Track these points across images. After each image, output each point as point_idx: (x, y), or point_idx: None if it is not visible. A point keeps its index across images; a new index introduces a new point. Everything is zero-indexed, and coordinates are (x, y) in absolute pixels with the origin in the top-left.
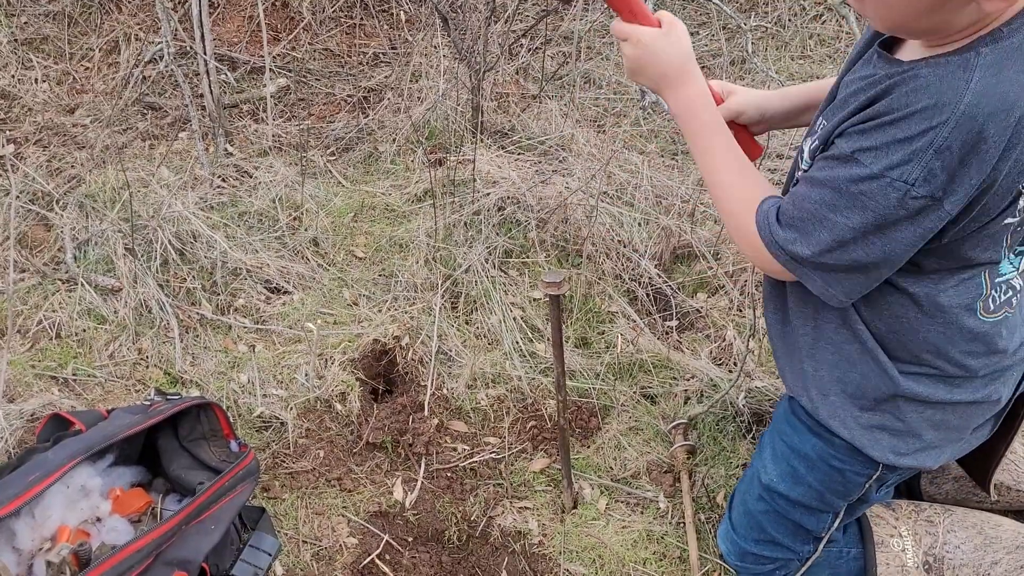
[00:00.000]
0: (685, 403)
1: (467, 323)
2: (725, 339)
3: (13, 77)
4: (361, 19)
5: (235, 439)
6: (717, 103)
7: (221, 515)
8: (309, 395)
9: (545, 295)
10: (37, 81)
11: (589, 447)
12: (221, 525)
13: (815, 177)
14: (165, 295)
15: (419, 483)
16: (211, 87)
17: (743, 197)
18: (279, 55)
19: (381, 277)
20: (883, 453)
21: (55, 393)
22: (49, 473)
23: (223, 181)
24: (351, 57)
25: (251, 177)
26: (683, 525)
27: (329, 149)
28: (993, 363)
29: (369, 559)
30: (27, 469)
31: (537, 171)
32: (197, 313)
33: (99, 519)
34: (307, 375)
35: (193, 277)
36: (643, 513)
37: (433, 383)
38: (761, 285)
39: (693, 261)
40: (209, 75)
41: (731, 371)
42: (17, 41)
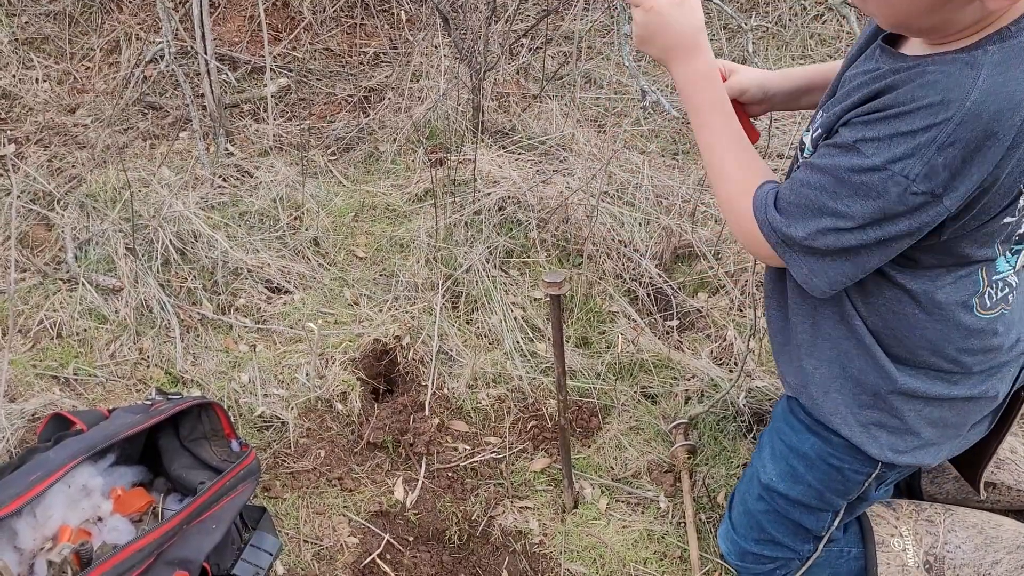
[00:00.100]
0: (686, 403)
1: (468, 323)
2: (726, 339)
3: (14, 77)
4: (362, 19)
5: (236, 439)
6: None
7: (222, 515)
8: (310, 395)
9: (546, 295)
10: (38, 81)
11: (590, 447)
12: (222, 525)
13: (816, 164)
14: (166, 295)
15: (420, 483)
16: (212, 87)
17: (741, 179)
18: (280, 55)
19: (382, 277)
20: (881, 451)
21: (56, 393)
22: (50, 473)
23: (224, 181)
24: (352, 57)
25: (252, 177)
26: (684, 525)
27: (330, 149)
28: (989, 359)
29: (370, 559)
30: (28, 469)
31: (538, 171)
32: (198, 313)
33: (100, 519)
34: (308, 375)
35: (194, 277)
36: (644, 513)
37: (434, 383)
38: (762, 285)
39: (694, 261)
40: (210, 75)
41: (732, 371)
42: (18, 41)
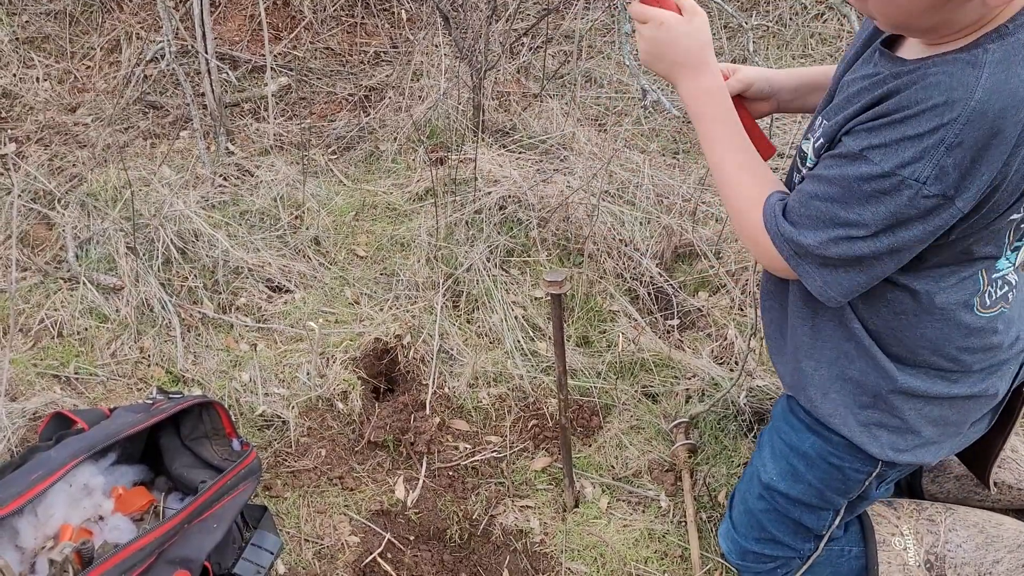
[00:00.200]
0: (686, 402)
1: (468, 322)
2: (726, 338)
3: (15, 76)
4: (362, 18)
5: (237, 438)
6: (724, 79)
7: (223, 514)
8: (311, 394)
9: (547, 294)
10: (38, 80)
11: (590, 446)
12: (223, 524)
13: (823, 175)
14: (167, 294)
15: (421, 482)
16: (212, 86)
17: (750, 194)
18: (280, 54)
19: (383, 276)
20: (882, 450)
21: (57, 392)
22: (52, 472)
23: (224, 180)
24: (352, 56)
25: (252, 176)
26: (684, 524)
27: (330, 148)
28: (989, 358)
29: (371, 558)
30: (29, 468)
31: (538, 170)
32: (199, 312)
33: (101, 517)
34: (309, 374)
35: (195, 276)
36: (644, 512)
37: (435, 382)
38: (759, 284)
39: (694, 260)
40: (210, 74)
41: (732, 370)
42: (18, 40)
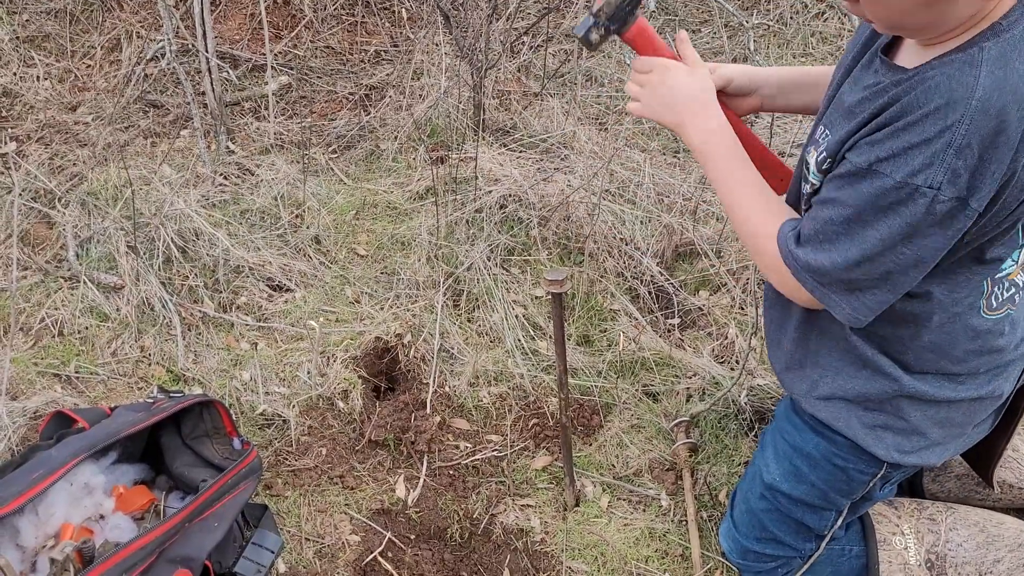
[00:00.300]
0: (687, 401)
1: (469, 321)
2: (727, 337)
3: (15, 75)
4: (363, 17)
5: (238, 437)
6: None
7: (224, 512)
8: (311, 393)
9: (547, 293)
10: (39, 79)
11: (591, 445)
12: (224, 522)
13: (833, 197)
14: (167, 293)
15: (421, 481)
16: (213, 85)
17: (766, 232)
18: (281, 53)
19: (383, 275)
20: (887, 451)
21: (58, 391)
22: (52, 470)
23: (225, 179)
24: (353, 55)
25: (253, 175)
26: (685, 523)
27: (331, 147)
28: (995, 359)
29: (371, 556)
30: (30, 467)
31: (539, 169)
32: (199, 311)
33: (102, 516)
34: (309, 373)
35: (195, 275)
36: (645, 511)
37: (435, 381)
38: (762, 284)
39: (695, 259)
40: (211, 73)
41: (733, 369)
42: (19, 39)
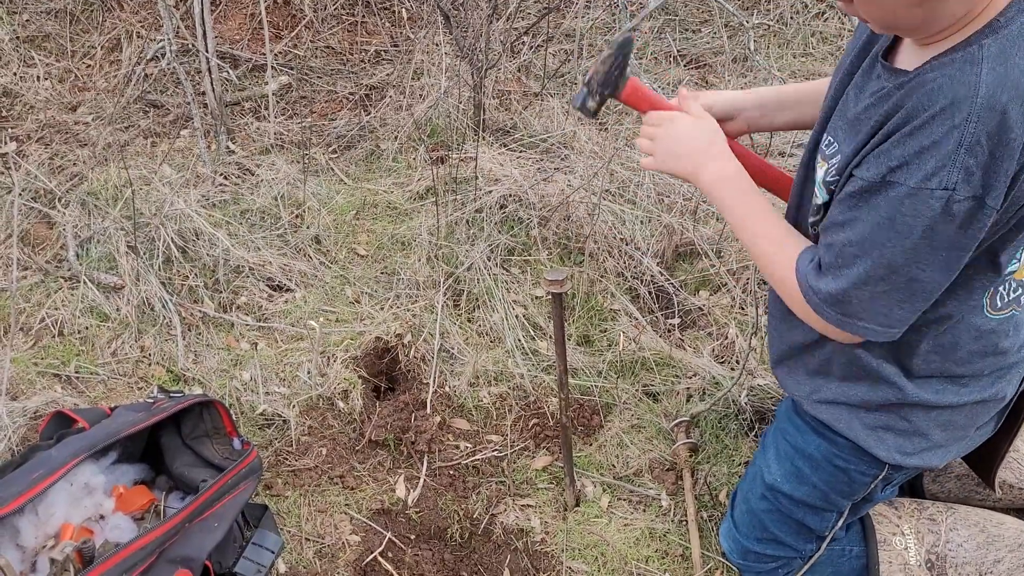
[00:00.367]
0: (687, 401)
1: (469, 321)
2: (727, 337)
3: (15, 75)
4: (363, 16)
5: (238, 437)
6: None
7: (224, 513)
8: (311, 393)
9: (547, 293)
10: (39, 79)
11: (591, 445)
12: (224, 523)
13: (848, 219)
14: (167, 293)
15: (421, 481)
16: (213, 85)
17: (788, 276)
18: (281, 52)
19: (383, 275)
20: (889, 453)
21: (58, 391)
22: (53, 471)
23: (225, 179)
24: (353, 55)
25: (253, 175)
26: (685, 523)
27: (331, 147)
28: (999, 362)
29: (372, 556)
30: (31, 467)
31: (539, 169)
32: (199, 311)
33: (102, 516)
34: (309, 373)
35: (195, 275)
36: (645, 511)
37: (435, 381)
38: (763, 283)
39: (695, 259)
40: (211, 73)
41: (733, 369)
42: (19, 39)
